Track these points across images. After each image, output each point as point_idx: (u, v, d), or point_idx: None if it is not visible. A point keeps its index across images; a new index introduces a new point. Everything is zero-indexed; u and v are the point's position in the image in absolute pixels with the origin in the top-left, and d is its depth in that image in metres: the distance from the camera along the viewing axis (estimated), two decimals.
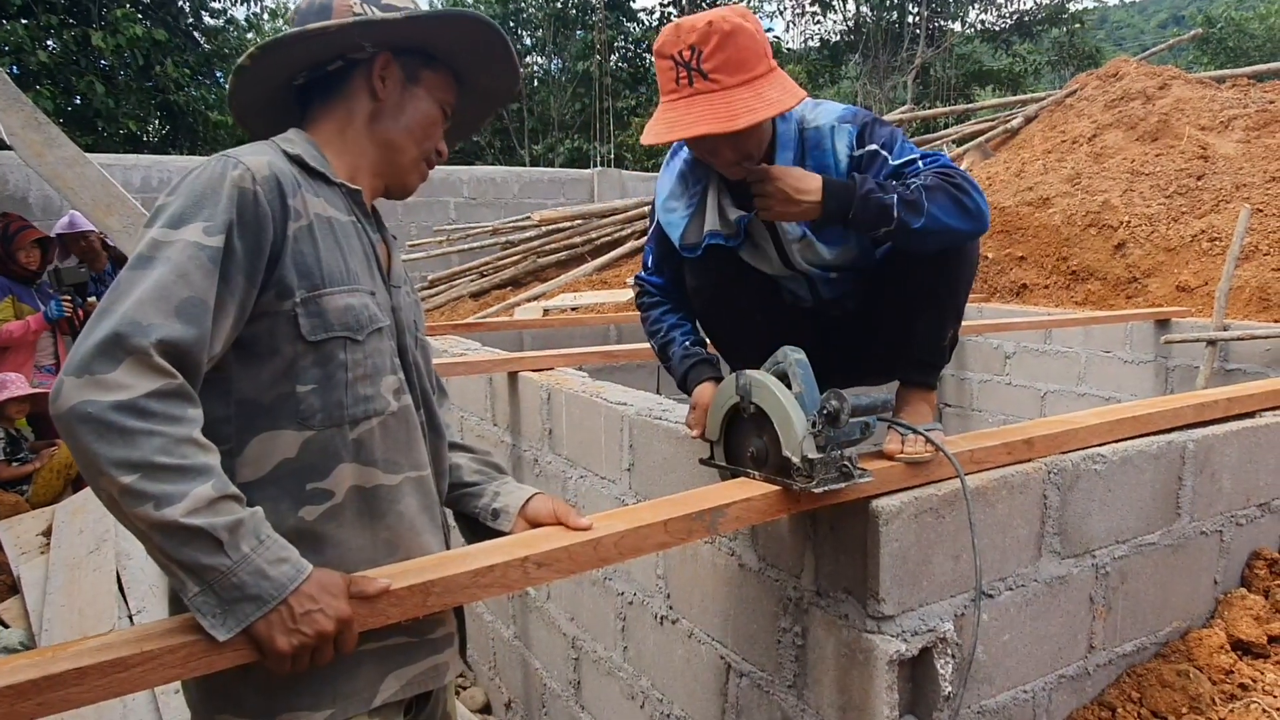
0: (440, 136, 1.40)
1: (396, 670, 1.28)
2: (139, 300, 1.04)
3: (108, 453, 0.98)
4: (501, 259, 8.51)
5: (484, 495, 1.47)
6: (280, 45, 1.27)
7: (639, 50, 22.64)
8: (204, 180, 1.14)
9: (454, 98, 1.42)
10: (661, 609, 2.21)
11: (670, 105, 1.58)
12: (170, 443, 1.01)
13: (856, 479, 1.49)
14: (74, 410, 0.99)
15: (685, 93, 1.56)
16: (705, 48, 1.53)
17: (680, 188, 1.83)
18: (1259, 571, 2.14)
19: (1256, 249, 5.05)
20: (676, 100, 1.57)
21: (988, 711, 1.72)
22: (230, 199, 1.13)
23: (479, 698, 3.41)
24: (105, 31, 12.57)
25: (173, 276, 1.07)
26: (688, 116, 1.55)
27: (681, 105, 1.56)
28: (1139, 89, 7.18)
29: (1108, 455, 1.86)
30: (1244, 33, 22.87)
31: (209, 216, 1.11)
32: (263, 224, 1.15)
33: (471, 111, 1.52)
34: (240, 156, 1.18)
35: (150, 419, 1.00)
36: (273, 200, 1.17)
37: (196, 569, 1.02)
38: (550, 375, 2.89)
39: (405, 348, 1.35)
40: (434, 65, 1.37)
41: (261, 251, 1.15)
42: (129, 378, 1.00)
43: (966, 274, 1.79)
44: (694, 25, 1.54)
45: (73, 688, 0.97)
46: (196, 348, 1.06)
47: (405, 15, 1.29)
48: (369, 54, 1.32)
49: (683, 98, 1.56)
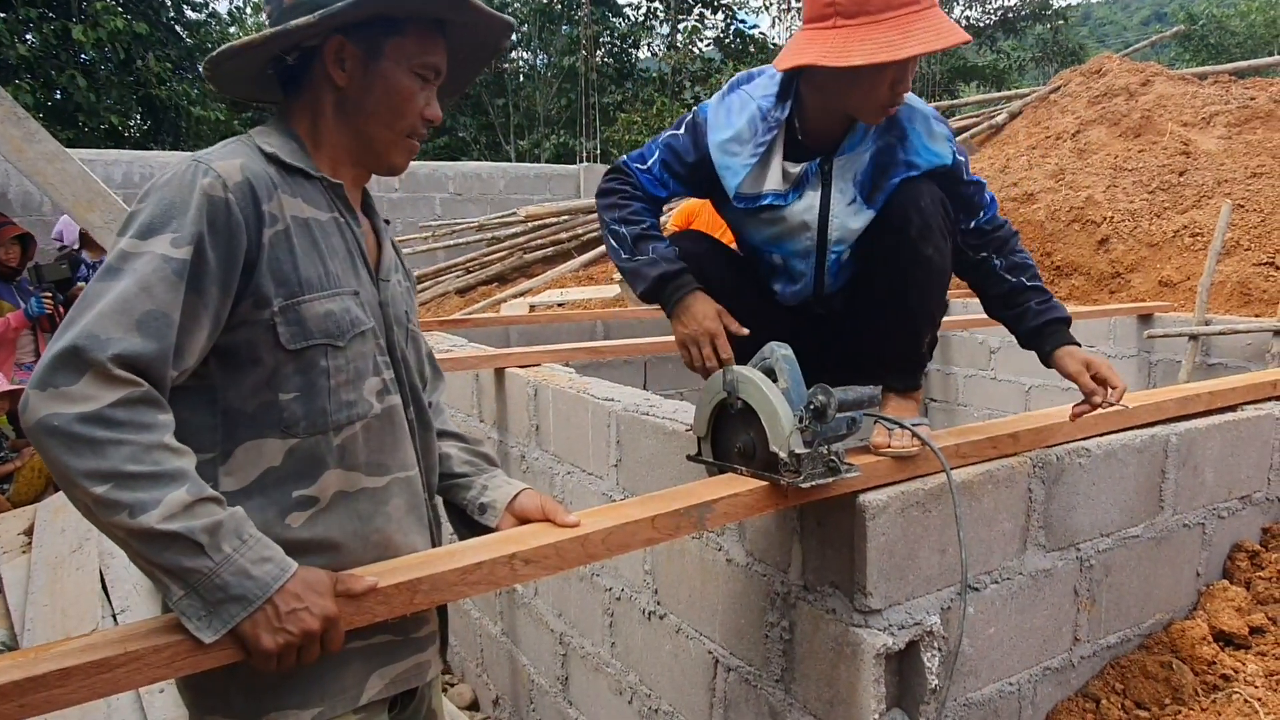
0: (423, 105, 1.28)
1: (381, 668, 1.28)
2: (100, 314, 1.03)
3: (77, 464, 0.98)
4: (488, 255, 8.49)
5: (472, 488, 1.46)
6: (221, 61, 1.23)
7: (624, 45, 22.61)
8: (173, 188, 1.11)
9: (435, 53, 1.28)
10: (649, 604, 2.22)
11: (916, 15, 1.53)
12: (140, 450, 1.00)
13: (843, 474, 1.50)
14: (41, 424, 0.98)
15: (917, 7, 1.53)
16: None
17: (749, 131, 1.72)
18: (1240, 563, 2.16)
19: (1238, 244, 5.10)
20: (923, 11, 1.53)
21: (973, 704, 1.73)
22: (200, 209, 1.10)
23: (467, 695, 3.40)
24: (86, 25, 12.45)
25: (135, 290, 1.05)
26: (944, 24, 1.53)
27: (930, 15, 1.54)
28: (1122, 85, 7.23)
29: (1092, 449, 1.87)
30: (1225, 30, 23.05)
31: (177, 228, 1.09)
32: (235, 233, 1.12)
33: (467, 57, 1.39)
34: (211, 161, 1.15)
35: (118, 428, 1.00)
36: (246, 207, 1.14)
37: (179, 572, 1.01)
38: (537, 371, 2.89)
39: (393, 344, 1.32)
40: (400, 29, 1.24)
41: (235, 261, 1.13)
42: (92, 389, 1.00)
43: (939, 286, 1.78)
44: None
45: (56, 689, 0.96)
46: (157, 362, 1.05)
47: None
48: (321, 40, 1.22)
49: (914, 12, 1.53)
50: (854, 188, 1.74)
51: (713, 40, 23.50)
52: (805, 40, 1.60)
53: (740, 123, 1.73)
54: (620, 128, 18.20)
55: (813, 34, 1.58)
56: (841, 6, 1.54)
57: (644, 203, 1.80)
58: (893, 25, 1.52)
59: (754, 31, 23.97)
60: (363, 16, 1.20)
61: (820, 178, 1.74)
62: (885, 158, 1.72)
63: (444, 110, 1.36)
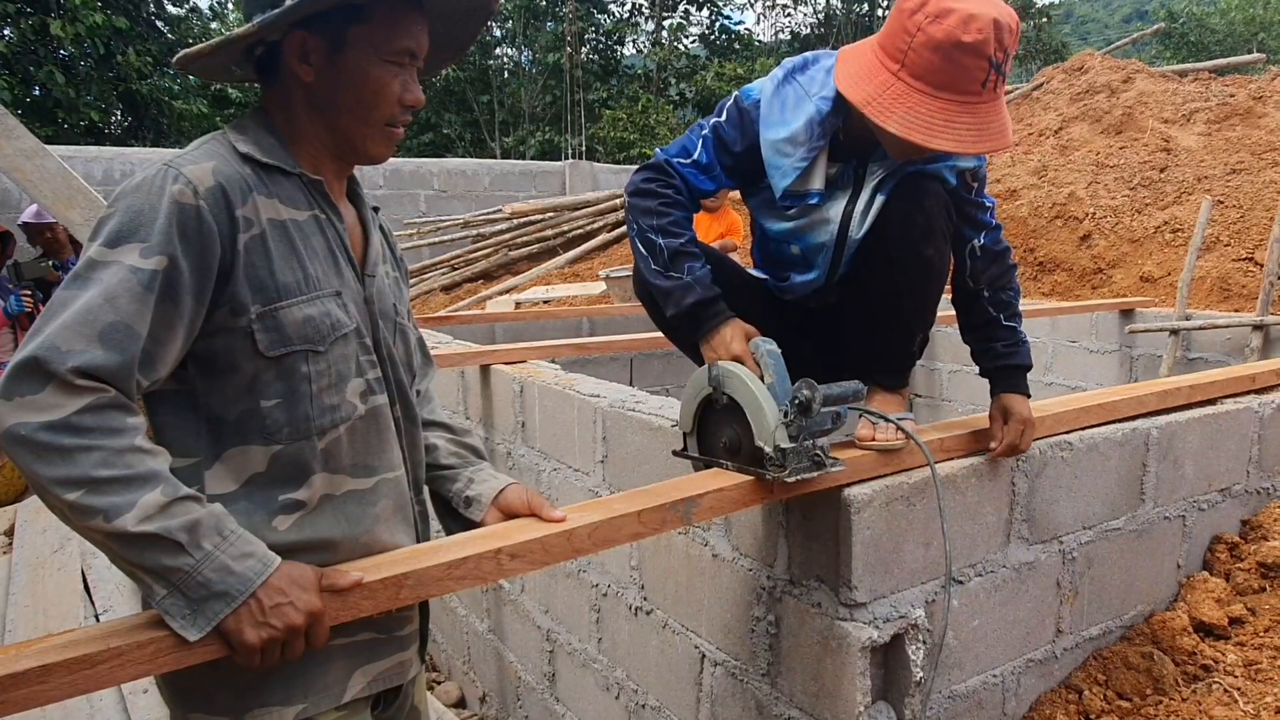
0: (400, 92, 1.22)
1: (364, 666, 1.27)
2: (63, 324, 1.01)
3: (48, 472, 0.97)
4: (473, 252, 8.46)
5: (458, 480, 1.45)
6: (189, 63, 1.21)
7: (609, 42, 22.59)
8: (142, 195, 1.09)
9: (408, 37, 1.21)
10: (636, 600, 2.22)
11: (968, 107, 1.47)
12: (110, 454, 0.99)
13: (829, 468, 1.50)
14: (8, 433, 0.98)
15: (987, 98, 1.47)
16: (1012, 49, 1.44)
17: (805, 135, 1.65)
18: (1220, 555, 2.19)
19: (1217, 240, 5.15)
20: (977, 105, 1.47)
21: (958, 696, 1.74)
22: (169, 217, 1.08)
23: (453, 692, 3.40)
24: (64, 20, 12.30)
25: (100, 301, 1.03)
26: (992, 126, 1.48)
27: (983, 111, 1.47)
28: (1104, 83, 7.29)
29: (1074, 443, 1.89)
30: (1205, 27, 23.28)
31: (145, 237, 1.07)
32: (208, 241, 1.10)
33: (452, 28, 1.33)
34: (182, 167, 1.12)
35: (86, 434, 0.99)
36: (219, 214, 1.11)
37: (160, 572, 1.01)
38: (523, 368, 2.88)
39: (379, 341, 1.30)
40: (363, 15, 1.17)
41: (209, 269, 1.11)
42: (56, 398, 0.99)
43: (936, 287, 1.78)
44: (1010, 24, 1.44)
45: (37, 686, 0.95)
46: (121, 373, 1.03)
47: None
48: (283, 35, 1.17)
49: (984, 103, 1.47)
50: (877, 188, 1.73)
51: (698, 37, 23.51)
52: (868, 68, 1.54)
53: (797, 124, 1.65)
54: (606, 124, 18.19)
55: (876, 65, 1.53)
56: (910, 63, 1.48)
57: (685, 209, 1.70)
58: (943, 108, 1.46)
59: (739, 28, 23.99)
60: (323, 7, 1.13)
61: (854, 179, 1.74)
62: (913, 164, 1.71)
63: (428, 107, 1.32)
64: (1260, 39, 22.44)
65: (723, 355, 1.62)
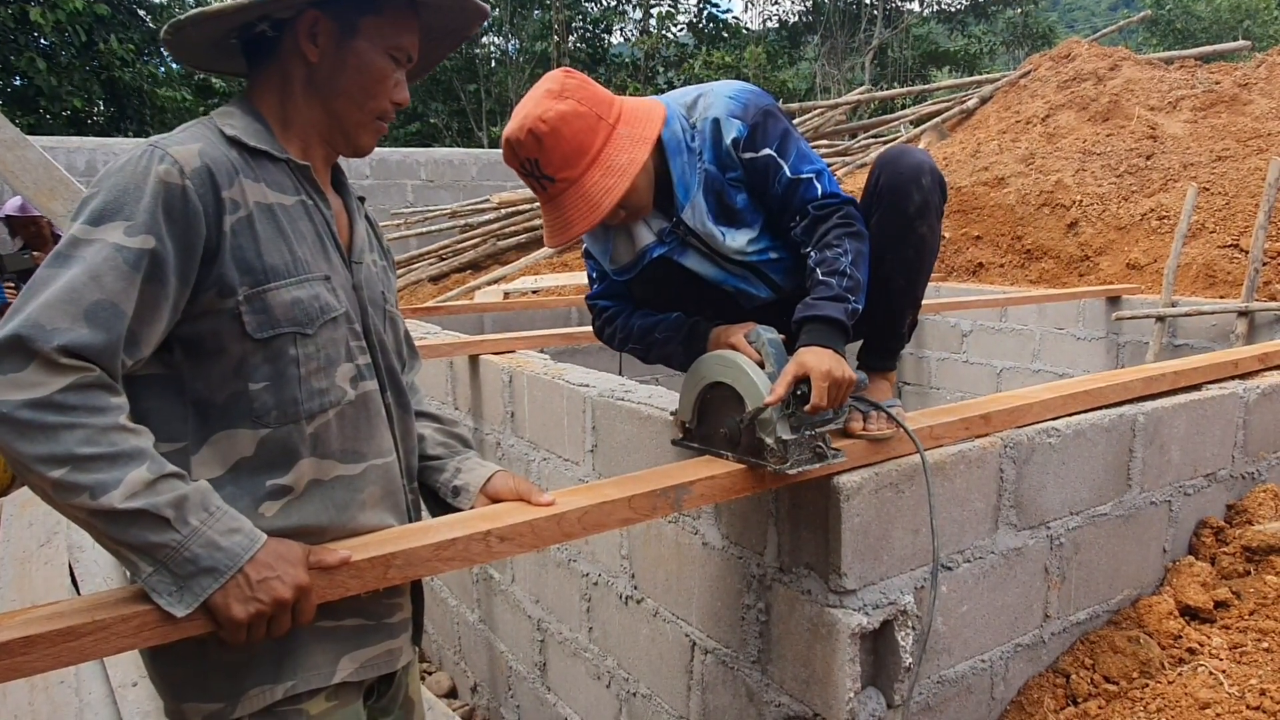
0: (393, 88, 1.26)
1: (352, 652, 1.27)
2: (46, 302, 1.00)
3: (30, 450, 0.97)
4: (461, 242, 8.42)
5: (445, 470, 1.45)
6: (186, 26, 1.19)
7: (597, 30, 22.47)
8: (127, 174, 1.08)
9: (409, 36, 1.26)
10: (626, 589, 2.22)
11: (545, 209, 1.61)
12: (95, 433, 0.99)
13: (830, 459, 1.50)
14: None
15: (545, 198, 1.60)
16: (539, 156, 1.55)
17: (600, 229, 1.76)
18: (1205, 540, 2.20)
19: (1203, 227, 5.18)
20: (546, 204, 1.61)
21: (947, 681, 1.75)
22: (155, 196, 1.07)
23: (445, 682, 3.40)
24: (44, 7, 12.14)
25: (85, 278, 1.02)
26: (564, 217, 1.58)
27: (550, 209, 1.60)
28: (1090, 70, 7.30)
29: (1062, 429, 1.90)
30: (1191, 15, 23.34)
31: (130, 215, 1.06)
32: (193, 221, 1.10)
33: (436, 41, 1.38)
34: (168, 147, 1.11)
35: (69, 412, 0.98)
36: (204, 194, 1.11)
37: (146, 548, 1.00)
38: (512, 358, 2.87)
39: (369, 328, 1.30)
40: (377, 8, 1.22)
41: (194, 250, 1.10)
42: (39, 376, 0.98)
43: (927, 264, 1.77)
44: (519, 138, 1.54)
45: (19, 657, 0.94)
46: (106, 352, 1.03)
47: None
48: (295, 12, 1.19)
49: (549, 200, 1.60)
50: (710, 222, 1.71)
51: (685, 25, 23.41)
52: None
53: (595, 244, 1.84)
54: None
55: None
56: None
57: (622, 312, 1.89)
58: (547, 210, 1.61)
59: (727, 15, 23.90)
60: None
61: (687, 232, 1.73)
62: (711, 184, 1.70)
63: (414, 96, 1.35)
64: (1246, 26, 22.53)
65: (722, 344, 1.65)
